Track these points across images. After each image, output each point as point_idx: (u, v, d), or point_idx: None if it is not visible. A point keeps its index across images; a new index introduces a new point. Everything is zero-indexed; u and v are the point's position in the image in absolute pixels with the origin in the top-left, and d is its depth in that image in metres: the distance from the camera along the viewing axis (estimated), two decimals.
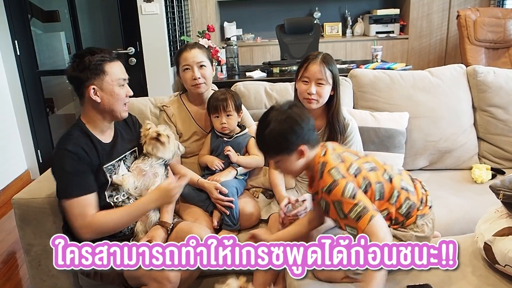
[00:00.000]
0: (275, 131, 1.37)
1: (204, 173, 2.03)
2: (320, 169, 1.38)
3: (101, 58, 1.60)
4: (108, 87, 1.60)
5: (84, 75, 1.59)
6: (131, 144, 1.80)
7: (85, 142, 1.62)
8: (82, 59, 1.59)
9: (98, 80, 1.59)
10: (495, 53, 4.08)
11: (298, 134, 1.37)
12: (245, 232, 1.91)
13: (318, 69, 1.77)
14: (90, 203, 1.58)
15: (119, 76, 1.63)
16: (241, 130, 2.05)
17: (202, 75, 1.96)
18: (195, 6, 4.83)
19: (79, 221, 1.56)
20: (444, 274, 1.46)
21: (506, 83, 2.36)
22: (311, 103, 1.81)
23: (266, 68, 3.80)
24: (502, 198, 1.45)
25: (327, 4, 5.32)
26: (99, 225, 1.57)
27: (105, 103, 1.62)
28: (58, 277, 1.88)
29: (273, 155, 1.43)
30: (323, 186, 1.35)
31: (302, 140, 1.38)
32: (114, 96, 1.62)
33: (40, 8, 4.41)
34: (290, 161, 1.40)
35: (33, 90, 3.70)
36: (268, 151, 1.45)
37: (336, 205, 1.33)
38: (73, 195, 1.55)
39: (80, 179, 1.57)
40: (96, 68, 1.58)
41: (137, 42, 3.64)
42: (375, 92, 2.40)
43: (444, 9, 4.92)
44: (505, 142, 2.35)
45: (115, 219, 1.60)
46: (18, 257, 2.63)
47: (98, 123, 1.67)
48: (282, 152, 1.40)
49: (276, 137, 1.37)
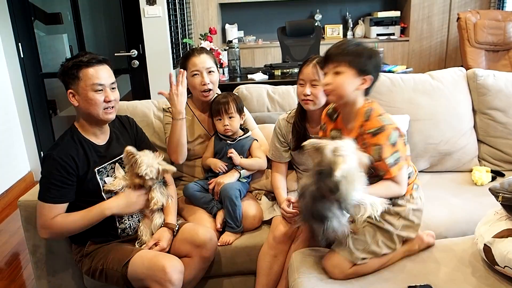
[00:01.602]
0: (363, 47, 1.46)
1: (208, 175, 2.06)
2: (366, 113, 1.47)
3: (77, 63, 1.62)
4: (82, 92, 1.63)
5: (63, 79, 1.65)
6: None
7: (74, 148, 1.66)
8: (64, 64, 1.64)
9: (74, 85, 1.64)
10: (495, 55, 4.10)
11: (374, 68, 1.46)
12: (248, 234, 1.94)
13: (312, 70, 1.80)
14: (59, 211, 1.64)
15: (94, 81, 1.62)
16: (244, 133, 2.08)
17: (211, 80, 1.99)
18: (196, 9, 4.86)
19: (41, 221, 1.63)
20: (444, 275, 1.48)
21: (505, 86, 2.38)
22: (308, 104, 1.84)
23: (268, 70, 3.82)
24: (501, 200, 1.47)
25: (328, 7, 5.34)
26: (57, 227, 1.63)
27: (82, 107, 1.66)
28: (63, 278, 1.91)
29: (342, 63, 1.44)
30: (368, 128, 1.44)
31: (373, 74, 1.46)
32: (89, 101, 1.63)
33: (43, 11, 4.44)
34: (350, 81, 1.45)
35: (36, 92, 3.72)
36: (343, 57, 1.44)
37: (375, 148, 1.42)
38: (47, 201, 1.62)
39: (58, 188, 1.62)
40: (72, 73, 1.62)
41: (140, 45, 3.66)
42: (376, 95, 2.41)
43: (444, 11, 4.95)
44: (505, 144, 2.37)
45: (71, 222, 1.64)
46: (22, 259, 2.65)
47: (88, 127, 1.71)
48: (353, 66, 1.44)
49: (359, 52, 1.44)
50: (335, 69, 1.47)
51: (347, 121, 1.55)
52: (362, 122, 1.47)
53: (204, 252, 1.74)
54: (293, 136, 1.94)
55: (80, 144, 1.68)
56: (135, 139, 1.87)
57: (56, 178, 1.61)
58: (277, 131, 1.99)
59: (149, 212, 1.79)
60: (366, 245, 1.53)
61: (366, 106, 1.50)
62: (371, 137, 1.44)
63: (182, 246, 1.76)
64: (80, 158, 1.65)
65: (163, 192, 1.78)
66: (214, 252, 1.80)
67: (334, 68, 1.47)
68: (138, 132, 1.90)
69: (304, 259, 1.63)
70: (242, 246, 1.89)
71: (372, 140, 1.43)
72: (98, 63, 1.65)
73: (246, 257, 1.89)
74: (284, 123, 1.97)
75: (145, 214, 1.80)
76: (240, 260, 1.90)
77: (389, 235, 1.54)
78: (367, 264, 1.53)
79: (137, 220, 1.80)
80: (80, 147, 1.67)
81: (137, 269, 1.60)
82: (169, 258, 1.62)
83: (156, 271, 1.57)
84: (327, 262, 1.55)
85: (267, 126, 2.25)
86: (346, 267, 1.52)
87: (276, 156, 2.00)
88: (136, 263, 1.61)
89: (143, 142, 1.90)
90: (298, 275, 1.56)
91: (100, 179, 1.69)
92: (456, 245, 1.67)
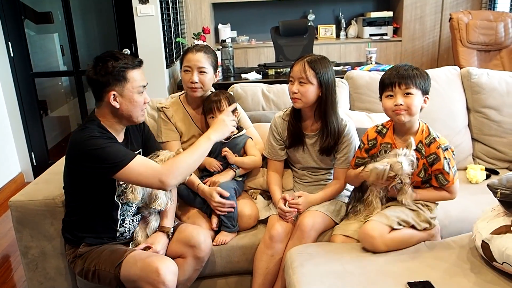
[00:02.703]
0: (422, 70, 1.68)
1: (203, 174, 2.04)
2: (432, 133, 1.70)
3: (124, 65, 1.59)
4: (128, 94, 1.61)
5: (106, 80, 1.58)
6: (138, 146, 1.80)
7: (108, 134, 1.63)
8: (106, 64, 1.58)
9: (119, 87, 1.59)
10: (487, 55, 4.13)
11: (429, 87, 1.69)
12: (244, 233, 1.92)
13: (300, 68, 1.80)
14: (146, 159, 1.61)
15: (140, 84, 1.62)
16: (238, 131, 2.06)
17: (200, 80, 1.96)
18: (189, 8, 4.84)
19: (152, 174, 1.56)
20: (443, 272, 1.48)
21: (499, 85, 2.40)
22: (296, 102, 1.83)
23: (262, 70, 3.81)
24: (499, 196, 1.48)
25: (321, 7, 5.35)
26: (175, 165, 1.59)
27: (124, 109, 1.62)
28: (56, 279, 1.87)
29: (411, 85, 1.63)
30: (441, 144, 1.67)
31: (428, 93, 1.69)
32: (133, 103, 1.62)
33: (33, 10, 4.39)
34: (419, 100, 1.65)
35: (26, 92, 3.67)
36: (411, 79, 1.64)
37: (446, 160, 1.66)
38: (129, 158, 1.55)
39: (122, 146, 1.60)
40: (119, 75, 1.58)
41: (133, 44, 3.63)
42: (371, 94, 2.42)
43: (436, 11, 4.99)
44: (499, 142, 2.38)
45: (186, 155, 1.62)
46: (12, 260, 2.60)
47: (113, 125, 1.67)
48: (419, 87, 1.64)
49: (422, 74, 1.67)
50: (406, 90, 1.64)
51: (400, 135, 1.74)
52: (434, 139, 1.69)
53: (198, 253, 1.72)
54: (289, 135, 1.93)
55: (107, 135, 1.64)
56: (143, 136, 1.84)
57: (111, 142, 1.59)
58: (273, 128, 1.98)
59: (147, 213, 1.77)
60: (399, 213, 1.67)
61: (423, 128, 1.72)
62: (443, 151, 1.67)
63: (176, 246, 1.75)
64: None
65: (167, 194, 1.76)
66: (209, 253, 1.78)
67: (405, 89, 1.64)
68: (145, 130, 1.87)
69: (299, 256, 1.62)
70: (238, 246, 1.87)
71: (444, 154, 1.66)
72: (140, 65, 1.65)
73: (242, 256, 1.88)
74: (280, 121, 1.96)
75: (143, 215, 1.78)
76: (236, 260, 1.88)
77: (417, 214, 1.71)
78: (399, 236, 1.64)
79: (137, 224, 1.78)
80: (112, 135, 1.65)
81: (129, 270, 1.58)
82: (162, 259, 1.60)
83: (149, 272, 1.54)
84: (366, 229, 1.64)
85: (262, 125, 2.23)
86: (385, 231, 1.62)
87: (272, 154, 1.99)
88: (129, 264, 1.59)
89: (150, 140, 1.87)
90: (293, 272, 1.55)
91: None
92: (454, 242, 1.67)
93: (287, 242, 1.82)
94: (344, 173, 1.91)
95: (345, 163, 1.90)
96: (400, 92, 1.64)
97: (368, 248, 1.63)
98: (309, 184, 2.00)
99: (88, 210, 1.68)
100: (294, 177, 2.05)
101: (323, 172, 1.98)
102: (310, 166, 1.97)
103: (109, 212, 1.69)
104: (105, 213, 1.69)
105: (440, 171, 1.67)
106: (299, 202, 1.82)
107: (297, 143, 1.93)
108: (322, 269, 1.53)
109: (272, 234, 1.80)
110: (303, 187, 2.00)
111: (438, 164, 1.66)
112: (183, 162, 1.60)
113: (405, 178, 1.63)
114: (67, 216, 1.75)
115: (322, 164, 1.96)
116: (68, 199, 1.74)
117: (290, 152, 1.99)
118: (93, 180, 1.60)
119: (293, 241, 1.79)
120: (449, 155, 1.67)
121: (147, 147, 1.83)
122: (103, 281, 1.65)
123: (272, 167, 2.01)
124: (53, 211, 1.79)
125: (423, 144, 1.69)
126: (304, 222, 1.78)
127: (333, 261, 1.58)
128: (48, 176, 2.02)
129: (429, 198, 1.74)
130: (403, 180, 1.64)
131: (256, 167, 2.07)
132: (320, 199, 1.88)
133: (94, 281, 1.68)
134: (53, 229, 1.81)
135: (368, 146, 1.80)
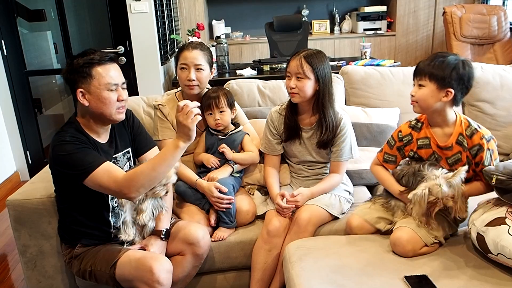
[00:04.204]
0: (447, 62, 1.54)
1: (200, 170, 2.04)
2: (472, 124, 1.61)
3: (89, 61, 1.54)
4: (95, 91, 1.55)
5: (73, 77, 1.56)
6: (125, 145, 1.77)
7: (81, 138, 1.59)
8: (73, 61, 1.56)
9: (85, 84, 1.55)
10: (480, 49, 4.16)
11: (457, 81, 1.54)
12: (242, 229, 1.93)
13: (297, 64, 1.81)
14: (112, 167, 1.53)
15: (107, 80, 1.55)
16: (235, 128, 2.06)
17: (197, 77, 1.97)
18: (183, 5, 4.82)
19: (113, 185, 1.50)
20: (439, 265, 1.50)
21: (493, 78, 2.42)
22: (294, 97, 1.85)
23: (257, 66, 3.81)
24: (494, 182, 1.49)
25: (315, 2, 5.35)
26: (135, 177, 1.49)
27: (93, 107, 1.57)
28: (55, 278, 1.88)
29: (424, 77, 1.57)
30: (484, 134, 1.58)
31: (454, 87, 1.54)
32: (102, 101, 1.56)
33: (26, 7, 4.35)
34: (434, 93, 1.57)
35: (21, 90, 3.64)
36: (426, 71, 1.57)
37: (488, 153, 1.57)
38: (94, 166, 1.49)
39: (91, 153, 1.54)
40: (83, 71, 1.54)
41: (127, 41, 3.61)
42: (367, 89, 2.44)
43: (430, 6, 5.00)
44: (493, 136, 2.39)
45: (147, 166, 1.51)
46: (10, 259, 2.60)
47: (92, 126, 1.63)
48: (434, 80, 1.55)
49: (442, 66, 1.54)
50: (419, 82, 1.60)
51: (438, 129, 1.66)
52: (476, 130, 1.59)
53: (197, 250, 1.73)
54: (285, 128, 1.94)
55: (86, 137, 1.61)
56: (132, 133, 1.80)
57: (80, 147, 1.52)
58: (269, 123, 1.99)
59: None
60: (439, 232, 1.61)
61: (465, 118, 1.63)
62: (487, 142, 1.58)
63: (175, 244, 1.75)
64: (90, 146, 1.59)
65: (156, 204, 1.72)
66: (207, 250, 1.79)
67: (418, 81, 1.60)
68: (134, 126, 1.81)
69: (297, 251, 1.63)
70: (236, 241, 1.88)
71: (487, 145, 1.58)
72: (110, 61, 1.59)
73: (240, 252, 1.89)
74: (276, 115, 1.97)
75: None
76: (234, 255, 1.89)
77: (453, 229, 1.67)
78: (429, 250, 1.59)
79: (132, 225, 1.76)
80: (86, 139, 1.60)
81: (124, 270, 1.58)
82: (156, 258, 1.59)
83: (144, 271, 1.53)
84: (401, 237, 1.58)
85: (258, 121, 2.24)
86: (418, 246, 1.57)
87: (268, 149, 2.00)
88: (123, 264, 1.58)
89: (140, 135, 1.83)
90: (292, 267, 1.56)
91: None
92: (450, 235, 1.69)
93: (284, 236, 1.83)
94: (340, 166, 1.93)
95: (340, 156, 1.91)
96: (416, 83, 1.63)
97: (396, 252, 1.59)
98: (306, 179, 2.01)
99: (79, 212, 1.66)
100: (291, 172, 2.06)
101: (320, 166, 2.00)
102: (306, 160, 1.98)
103: (100, 214, 1.67)
104: (97, 215, 1.67)
105: (482, 164, 1.58)
106: (298, 199, 1.83)
107: (293, 136, 1.95)
108: (320, 263, 1.55)
109: (269, 229, 1.82)
110: (300, 181, 2.01)
111: (480, 156, 1.57)
112: (145, 175, 1.50)
113: (447, 201, 1.51)
114: (61, 217, 1.75)
115: (319, 158, 1.97)
116: (58, 201, 1.73)
117: (287, 146, 2.00)
118: (71, 184, 1.57)
119: (291, 236, 1.81)
120: (492, 146, 1.58)
121: (137, 142, 1.79)
122: (100, 281, 1.65)
123: (269, 162, 2.02)
124: (50, 210, 1.79)
125: (464, 136, 1.60)
126: (301, 217, 1.80)
127: (331, 255, 1.59)
128: (44, 175, 2.01)
129: (475, 193, 1.63)
130: (446, 204, 1.52)
131: (253, 162, 2.08)
132: (317, 193, 1.90)
133: (92, 281, 1.68)
134: (50, 228, 1.81)
135: (403, 142, 1.74)
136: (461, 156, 1.61)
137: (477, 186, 1.62)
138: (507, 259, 1.39)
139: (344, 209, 1.93)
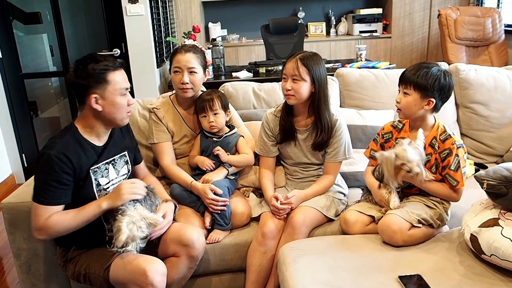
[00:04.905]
0: (431, 74, 1.66)
1: (195, 173, 2.04)
2: (448, 130, 1.72)
3: (104, 67, 1.57)
4: (110, 96, 1.59)
5: (86, 82, 1.57)
6: (122, 149, 1.78)
7: (73, 148, 1.60)
8: (86, 66, 1.56)
9: (100, 89, 1.57)
10: (475, 51, 4.18)
11: (439, 91, 1.67)
12: (237, 231, 1.93)
13: (292, 66, 1.82)
14: (55, 212, 1.57)
15: (122, 86, 1.60)
16: (230, 130, 2.07)
17: (191, 80, 1.97)
18: (179, 7, 4.82)
19: (36, 223, 1.56)
20: (433, 265, 1.50)
21: (487, 80, 2.43)
22: (289, 99, 1.86)
23: (252, 68, 3.82)
24: (486, 187, 1.50)
25: (311, 4, 5.37)
26: (53, 227, 1.56)
27: (106, 112, 1.61)
28: (49, 281, 1.87)
29: (409, 86, 1.68)
30: (456, 141, 1.69)
31: (436, 97, 1.67)
32: (116, 106, 1.60)
33: (21, 10, 4.34)
34: (417, 102, 1.69)
35: (16, 93, 3.64)
36: (411, 81, 1.68)
37: (456, 158, 1.67)
38: (43, 203, 1.55)
39: (55, 189, 1.56)
40: (99, 77, 1.56)
41: (123, 44, 3.61)
42: (361, 91, 2.45)
43: (425, 8, 5.03)
44: (487, 137, 2.42)
45: (68, 219, 1.57)
46: (5, 263, 2.59)
47: (96, 129, 1.66)
48: (418, 90, 1.67)
49: (426, 77, 1.65)
50: (404, 89, 1.72)
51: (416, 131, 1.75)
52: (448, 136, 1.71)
53: (191, 252, 1.73)
54: (280, 129, 1.94)
55: (80, 144, 1.62)
56: (129, 142, 1.84)
57: (53, 178, 1.54)
58: (264, 125, 1.99)
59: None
60: (420, 211, 1.70)
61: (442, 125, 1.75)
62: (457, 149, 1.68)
63: (170, 245, 1.74)
64: (78, 158, 1.60)
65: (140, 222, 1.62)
66: (202, 251, 1.78)
67: (404, 88, 1.72)
68: (132, 138, 1.87)
69: (291, 252, 1.63)
70: (231, 244, 1.88)
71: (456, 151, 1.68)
72: (121, 67, 1.64)
73: (235, 254, 1.89)
74: (272, 117, 1.98)
75: None
76: (229, 258, 1.89)
77: (435, 212, 1.74)
78: (417, 234, 1.66)
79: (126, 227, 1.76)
80: (79, 147, 1.61)
81: (118, 273, 1.58)
82: (150, 260, 1.59)
83: (137, 274, 1.53)
84: (387, 222, 1.65)
85: (254, 123, 2.24)
86: (405, 227, 1.64)
87: (264, 151, 2.00)
88: (117, 267, 1.58)
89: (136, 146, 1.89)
90: (286, 268, 1.56)
91: (95, 179, 1.65)
92: (444, 236, 1.70)
93: (279, 238, 1.83)
94: (334, 167, 1.94)
95: (334, 158, 1.92)
96: (401, 90, 1.74)
97: (386, 240, 1.66)
98: (301, 181, 2.01)
99: None
100: (286, 173, 2.06)
101: (315, 168, 2.00)
102: (301, 161, 1.99)
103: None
104: None
105: (449, 168, 1.68)
106: (292, 201, 1.84)
107: (288, 138, 1.95)
108: (315, 265, 1.55)
109: (264, 231, 1.82)
110: (295, 183, 2.02)
111: (448, 160, 1.69)
112: (66, 224, 1.56)
113: (413, 167, 1.64)
114: None
115: (314, 159, 1.98)
116: None
117: (282, 148, 2.00)
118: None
119: (285, 238, 1.81)
120: (461, 154, 1.69)
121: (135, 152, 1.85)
122: (95, 283, 1.65)
123: (264, 164, 2.02)
124: None
125: (437, 140, 1.72)
126: (295, 218, 1.80)
127: (325, 256, 1.60)
128: None
129: (437, 192, 1.74)
130: (412, 169, 1.64)
131: (248, 165, 2.09)
132: (311, 194, 1.91)
133: (87, 284, 1.67)
134: None
135: (384, 139, 1.86)
136: (431, 157, 1.73)
137: (440, 186, 1.74)
138: (500, 260, 1.40)
139: (338, 211, 1.93)
